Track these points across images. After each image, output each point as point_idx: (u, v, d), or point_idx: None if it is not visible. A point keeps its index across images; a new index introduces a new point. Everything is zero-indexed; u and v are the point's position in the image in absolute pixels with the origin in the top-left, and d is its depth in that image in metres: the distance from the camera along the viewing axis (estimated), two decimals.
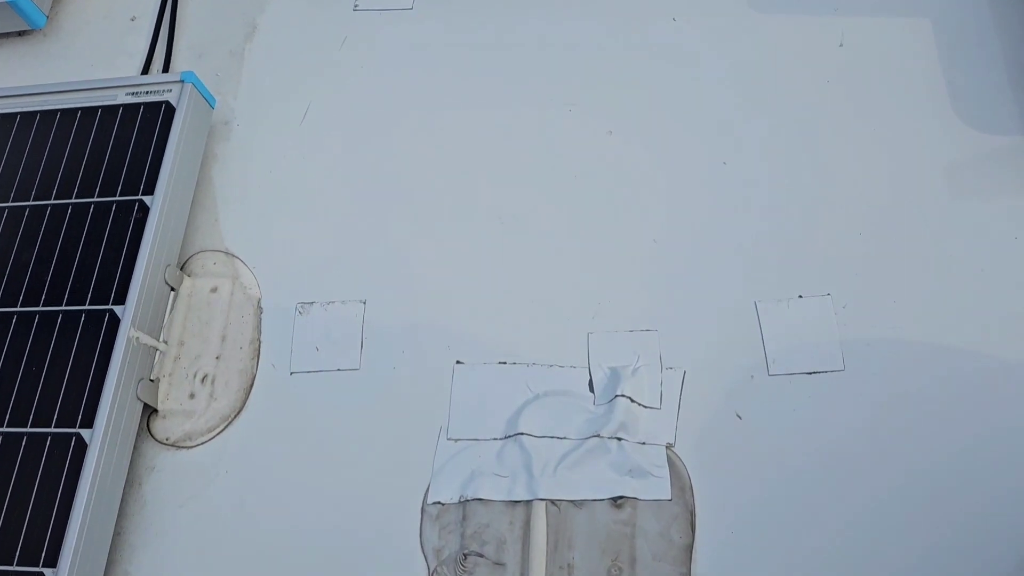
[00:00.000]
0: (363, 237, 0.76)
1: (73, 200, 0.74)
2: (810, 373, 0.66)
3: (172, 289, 0.75)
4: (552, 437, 0.65)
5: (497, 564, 0.62)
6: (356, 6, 0.87)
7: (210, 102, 0.81)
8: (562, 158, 0.77)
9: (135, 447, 0.69)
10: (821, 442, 0.63)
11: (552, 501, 0.63)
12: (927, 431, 0.62)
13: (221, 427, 0.70)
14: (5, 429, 0.66)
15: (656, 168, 0.76)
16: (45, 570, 0.61)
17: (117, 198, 0.73)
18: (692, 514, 0.62)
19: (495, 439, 0.66)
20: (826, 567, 0.60)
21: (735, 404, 0.66)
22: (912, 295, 0.67)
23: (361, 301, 0.73)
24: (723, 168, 0.75)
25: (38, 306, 0.70)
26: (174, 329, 0.74)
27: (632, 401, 0.65)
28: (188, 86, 0.77)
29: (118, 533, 0.66)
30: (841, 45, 0.78)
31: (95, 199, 0.73)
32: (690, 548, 0.61)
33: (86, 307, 0.69)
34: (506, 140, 0.79)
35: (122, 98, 0.78)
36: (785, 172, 0.74)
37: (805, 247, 0.71)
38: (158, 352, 0.72)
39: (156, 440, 0.70)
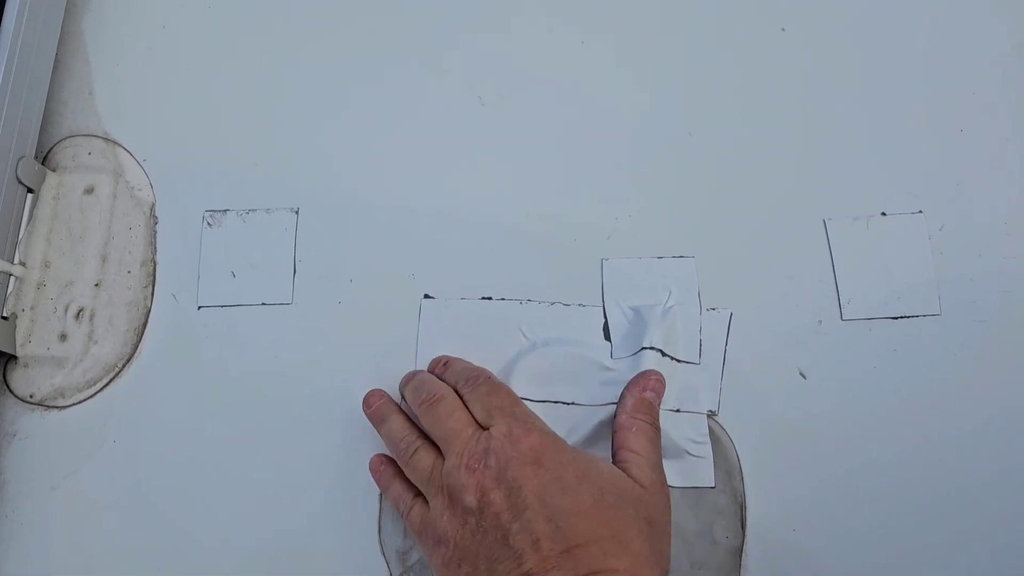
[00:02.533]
0: (295, 117, 0.56)
1: None
2: (896, 318, 0.50)
3: (29, 190, 0.54)
4: (556, 403, 0.48)
5: None
6: None
7: None
8: (562, 15, 0.57)
9: None
10: (911, 408, 0.48)
11: None
12: None
13: (105, 380, 0.52)
14: None
15: (694, 32, 0.56)
16: None
17: None
18: (742, 507, 0.47)
19: None
20: (922, 569, 0.46)
21: (797, 359, 0.49)
22: None
23: (293, 210, 0.54)
24: (782, 35, 0.56)
25: None
26: (35, 245, 0.54)
27: (663, 354, 0.48)
28: None
29: None
30: None
31: None
32: (739, 552, 0.46)
33: None
34: None
35: None
36: (860, 39, 0.56)
37: (890, 145, 0.53)
38: (12, 278, 0.53)
39: (16, 397, 0.52)
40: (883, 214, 0.51)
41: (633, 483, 0.42)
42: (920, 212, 0.51)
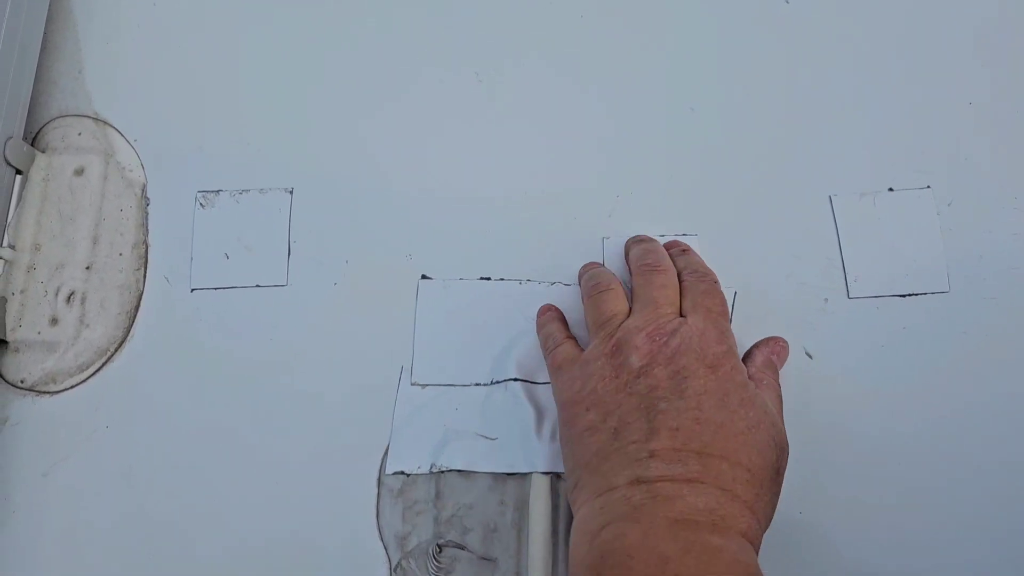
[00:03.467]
0: (288, 95, 0.55)
1: None
2: (904, 296, 0.48)
3: (18, 172, 0.53)
4: None
5: (484, 559, 0.45)
6: None
7: None
8: None
9: None
10: (919, 388, 0.47)
11: (558, 474, 0.46)
12: None
13: (97, 364, 0.51)
14: None
15: (700, 5, 0.55)
16: None
17: None
18: None
19: (478, 385, 0.48)
20: (931, 557, 0.45)
21: (803, 337, 0.48)
22: None
23: (287, 189, 0.53)
24: (787, 8, 0.55)
25: None
26: (24, 228, 0.53)
27: None
28: None
29: None
30: None
31: None
32: None
33: None
34: None
35: None
36: (865, 11, 0.54)
37: (897, 120, 0.52)
38: (2, 262, 0.52)
39: (7, 383, 0.51)
40: (890, 190, 0.50)
41: (783, 432, 0.42)
42: (928, 188, 0.50)
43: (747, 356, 0.45)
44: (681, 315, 0.43)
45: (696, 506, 0.37)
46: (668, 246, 0.48)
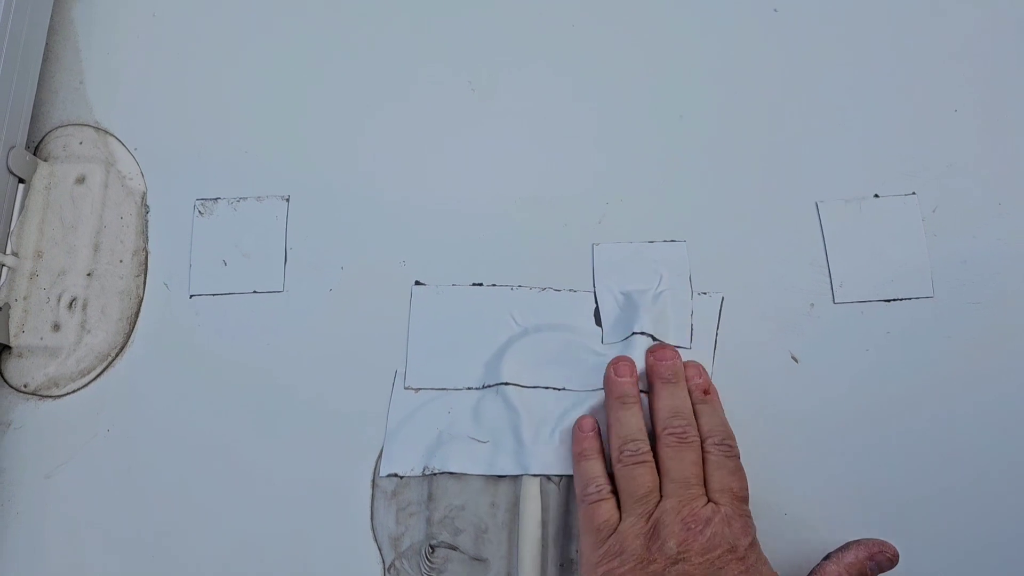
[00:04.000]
0: (285, 107, 0.56)
1: None
2: (889, 301, 0.49)
3: (20, 180, 0.54)
4: (547, 388, 0.49)
5: (475, 560, 0.46)
6: None
7: None
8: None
9: None
10: (904, 392, 0.48)
11: (548, 476, 0.47)
12: None
13: (98, 369, 0.52)
14: None
15: (683, 12, 0.56)
16: None
17: None
18: None
19: (470, 389, 0.49)
20: (917, 558, 0.46)
21: (789, 342, 0.49)
22: None
23: (283, 197, 0.54)
24: (774, 16, 0.56)
25: None
26: (27, 235, 0.54)
27: (654, 339, 0.48)
28: None
29: None
30: None
31: None
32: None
33: None
34: None
35: None
36: (852, 20, 0.55)
37: (882, 126, 0.52)
38: (5, 268, 0.53)
39: (10, 387, 0.52)
40: (876, 196, 0.51)
41: None
42: (913, 194, 0.51)
43: (842, 548, 0.44)
44: (705, 483, 0.44)
45: None
46: (689, 374, 0.48)
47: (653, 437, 0.45)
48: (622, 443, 0.45)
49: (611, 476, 0.45)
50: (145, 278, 0.53)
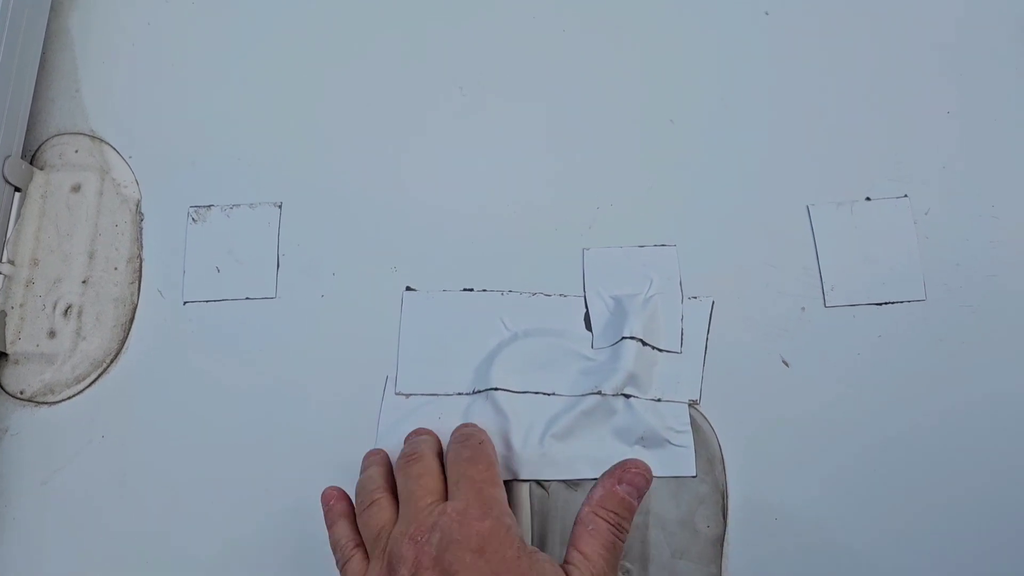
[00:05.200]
0: (278, 113, 0.56)
1: None
2: (880, 304, 0.49)
3: (16, 189, 0.55)
4: (537, 393, 0.48)
5: None
6: None
7: None
8: (544, 2, 0.57)
9: None
10: (895, 395, 0.47)
11: (538, 482, 0.47)
12: None
13: (93, 376, 0.52)
14: None
15: (674, 17, 0.56)
16: None
17: None
18: (724, 496, 0.47)
19: (460, 395, 0.49)
20: (906, 561, 0.45)
21: (780, 346, 0.49)
22: (1020, 200, 0.50)
23: (276, 204, 0.54)
24: (765, 19, 0.55)
25: None
26: (23, 244, 0.54)
27: (644, 344, 0.48)
28: None
29: None
30: None
31: None
32: (721, 540, 0.46)
33: None
34: None
35: None
36: (843, 22, 0.55)
37: (874, 129, 0.52)
38: (1, 276, 0.53)
39: (7, 394, 0.53)
40: (867, 199, 0.51)
41: None
42: (905, 197, 0.51)
43: (592, 489, 0.42)
44: (447, 492, 0.42)
45: None
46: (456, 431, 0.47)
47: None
48: (357, 498, 0.45)
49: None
50: (139, 285, 0.54)
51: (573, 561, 0.40)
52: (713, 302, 0.50)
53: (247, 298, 0.53)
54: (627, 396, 0.47)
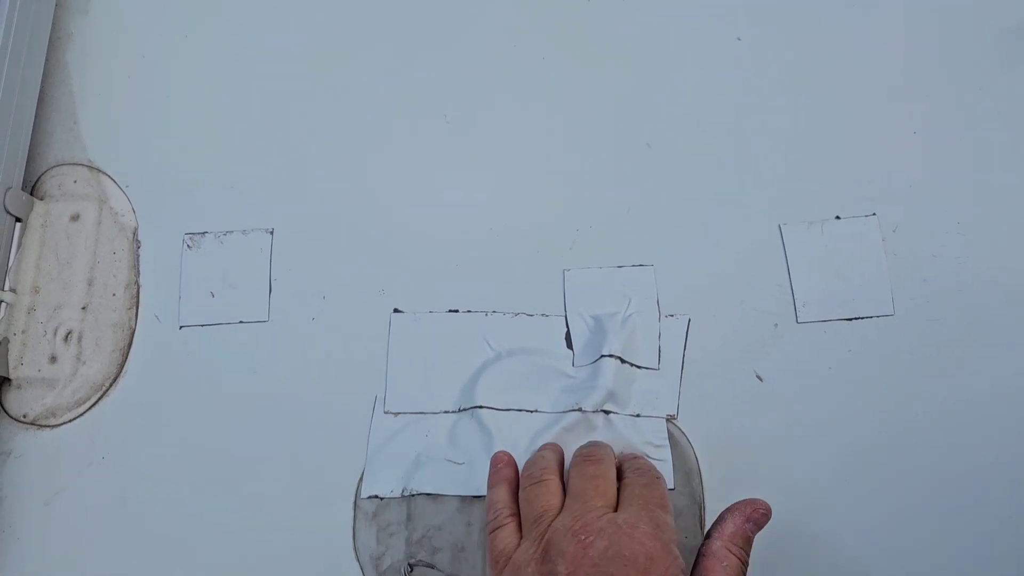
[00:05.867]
0: (268, 143, 0.58)
1: None
2: (850, 319, 0.51)
3: (17, 219, 0.57)
4: (520, 411, 0.50)
5: None
6: None
7: None
8: (525, 31, 0.59)
9: None
10: (866, 408, 0.49)
11: None
12: (1005, 396, 0.49)
13: (93, 399, 0.54)
14: None
15: (650, 43, 0.58)
16: None
17: None
18: (701, 507, 0.48)
19: (446, 413, 0.51)
20: (877, 572, 0.47)
21: (754, 361, 0.51)
22: (985, 216, 0.52)
23: (267, 230, 0.56)
24: (737, 45, 0.57)
25: None
26: (24, 272, 0.56)
27: (622, 361, 0.50)
28: None
29: None
30: None
31: None
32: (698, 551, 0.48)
33: None
34: (448, 8, 0.60)
35: None
36: (814, 46, 0.57)
37: (842, 150, 0.54)
38: (3, 304, 0.55)
39: (10, 417, 0.54)
40: (837, 218, 0.53)
41: None
42: (873, 215, 0.52)
43: (718, 521, 0.43)
44: (616, 509, 0.41)
45: None
46: (623, 458, 0.47)
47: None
48: (526, 471, 0.45)
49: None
50: (137, 310, 0.55)
51: None
52: (689, 320, 0.52)
53: (241, 322, 0.54)
54: (607, 412, 0.49)
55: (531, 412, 0.50)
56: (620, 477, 0.44)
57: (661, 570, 0.38)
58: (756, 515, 0.42)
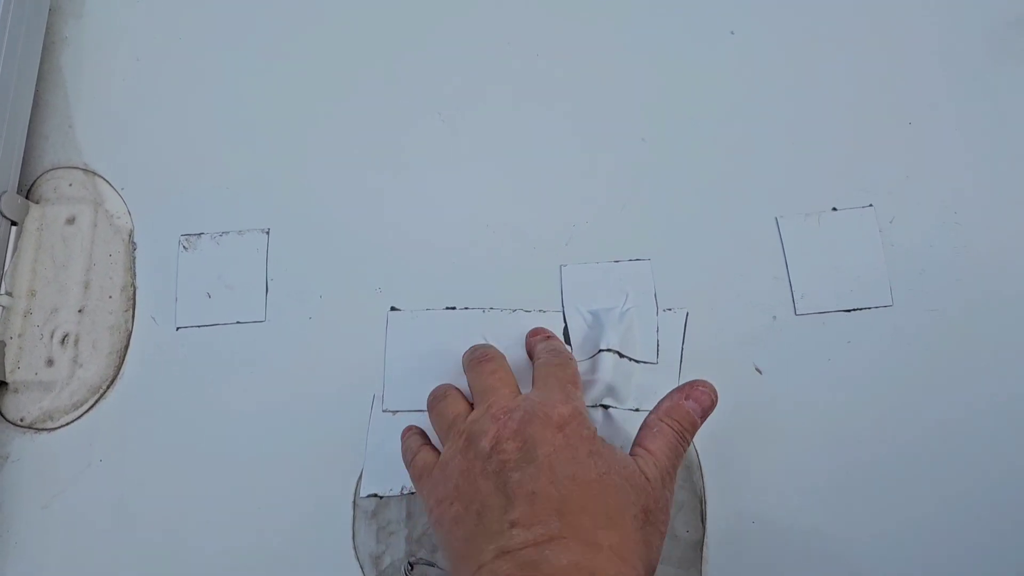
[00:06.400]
0: (263, 143, 0.58)
1: None
2: (849, 311, 0.51)
3: (13, 223, 0.57)
4: None
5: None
6: None
7: None
8: (519, 29, 0.59)
9: None
10: (866, 399, 0.49)
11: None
12: (1004, 385, 0.49)
13: (90, 402, 0.54)
14: None
15: (643, 38, 0.58)
16: None
17: None
18: (702, 501, 0.48)
19: None
20: (877, 565, 0.47)
21: (753, 354, 0.51)
22: (981, 206, 0.52)
23: (263, 230, 0.56)
24: (731, 38, 0.57)
25: None
26: (20, 275, 0.56)
27: (620, 356, 0.50)
28: None
29: None
30: None
31: None
32: (700, 545, 0.48)
33: None
34: (441, 7, 0.60)
35: None
36: (807, 38, 0.57)
37: (839, 141, 0.54)
38: (0, 308, 0.55)
39: (7, 421, 0.54)
40: (834, 209, 0.52)
41: (639, 472, 0.41)
42: (870, 206, 0.52)
43: (659, 402, 0.44)
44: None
45: (559, 564, 0.36)
46: (532, 334, 0.51)
47: None
48: (428, 399, 0.47)
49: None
50: (133, 312, 0.55)
51: (637, 454, 0.42)
52: (687, 313, 0.51)
53: (238, 322, 0.54)
54: (606, 407, 0.49)
55: None
56: (534, 359, 0.48)
57: (574, 426, 0.41)
58: (695, 392, 0.44)
